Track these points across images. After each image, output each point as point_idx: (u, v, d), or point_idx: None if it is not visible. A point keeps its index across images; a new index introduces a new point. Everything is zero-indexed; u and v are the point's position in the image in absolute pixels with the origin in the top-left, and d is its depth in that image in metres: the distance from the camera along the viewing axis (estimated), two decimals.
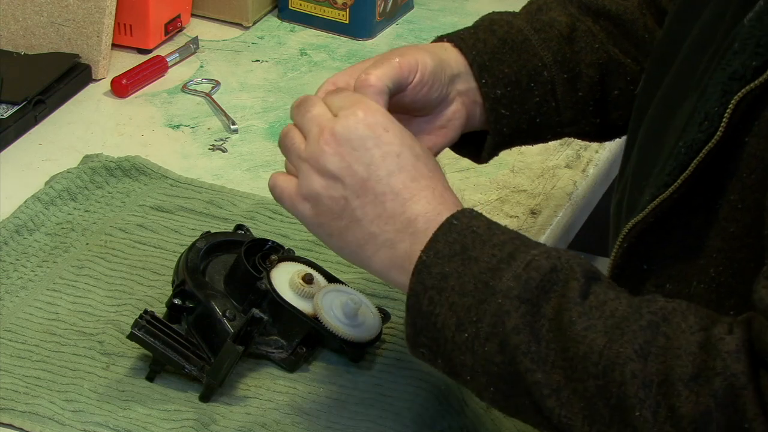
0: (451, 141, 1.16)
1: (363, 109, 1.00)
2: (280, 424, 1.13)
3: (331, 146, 0.99)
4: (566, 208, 1.45)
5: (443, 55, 1.14)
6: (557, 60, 1.18)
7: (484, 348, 0.93)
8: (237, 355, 1.13)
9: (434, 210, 0.98)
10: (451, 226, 0.97)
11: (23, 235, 1.35)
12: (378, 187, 0.99)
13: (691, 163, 0.96)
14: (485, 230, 0.97)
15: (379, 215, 0.99)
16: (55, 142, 1.53)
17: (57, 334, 1.22)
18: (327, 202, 1.00)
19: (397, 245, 0.99)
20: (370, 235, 0.99)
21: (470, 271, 0.95)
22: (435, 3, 1.88)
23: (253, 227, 1.32)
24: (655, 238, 1.01)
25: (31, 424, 1.12)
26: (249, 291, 1.17)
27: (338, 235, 1.01)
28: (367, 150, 0.99)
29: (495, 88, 1.15)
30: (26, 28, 1.64)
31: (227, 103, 1.61)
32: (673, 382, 0.87)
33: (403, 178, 0.99)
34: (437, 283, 0.96)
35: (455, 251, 0.96)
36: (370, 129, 0.99)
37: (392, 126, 1.00)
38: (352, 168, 0.99)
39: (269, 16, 1.82)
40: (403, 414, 1.14)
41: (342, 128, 0.99)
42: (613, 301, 0.92)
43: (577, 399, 0.90)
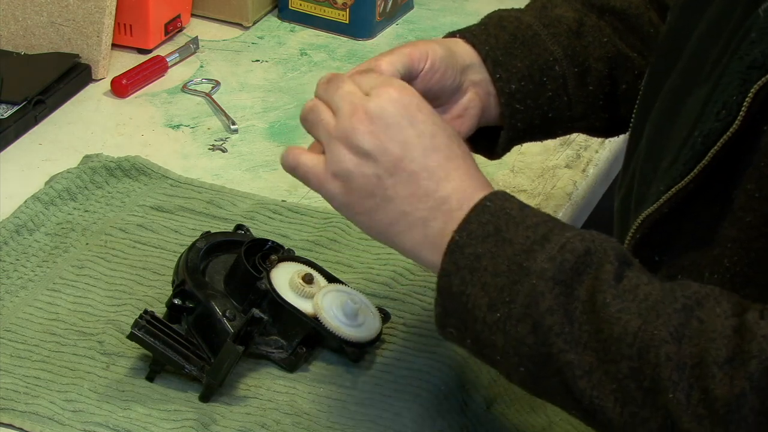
0: (469, 131, 1.15)
1: (396, 89, 1.00)
2: (280, 424, 1.13)
3: (364, 124, 0.98)
4: (566, 208, 1.45)
5: (454, 47, 1.14)
6: (567, 54, 1.18)
7: (517, 328, 0.93)
8: (237, 355, 1.13)
9: (468, 189, 0.98)
10: (484, 208, 0.97)
11: (23, 235, 1.35)
12: (412, 166, 0.98)
13: (708, 153, 0.96)
14: (518, 212, 0.97)
15: (413, 194, 0.98)
16: (55, 142, 1.53)
17: (57, 334, 1.22)
18: (359, 180, 0.99)
19: (429, 223, 0.98)
20: (402, 214, 0.99)
21: (504, 252, 0.95)
22: (435, 3, 1.88)
23: (253, 227, 1.32)
24: (667, 229, 1.01)
25: (31, 424, 1.12)
26: (249, 291, 1.17)
27: (368, 214, 1.00)
28: (401, 129, 0.98)
29: (509, 83, 1.15)
30: (26, 28, 1.64)
31: (227, 103, 1.61)
32: (708, 365, 0.87)
33: (437, 158, 0.99)
34: (470, 263, 0.95)
35: (489, 232, 0.96)
36: (405, 108, 0.99)
37: (425, 106, 1.00)
38: (387, 146, 0.98)
39: (269, 16, 1.82)
40: (403, 414, 1.14)
41: (376, 106, 0.98)
42: (646, 285, 0.92)
43: (610, 380, 0.91)
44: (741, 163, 0.96)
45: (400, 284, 1.29)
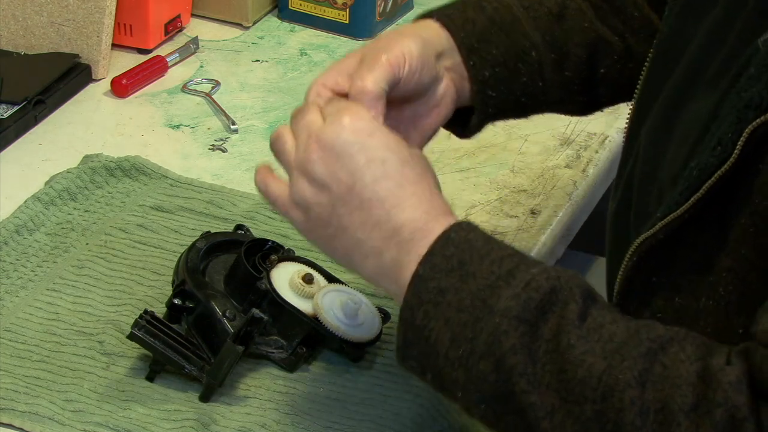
0: (446, 117, 1.14)
1: (349, 115, 0.99)
2: (280, 424, 1.13)
3: (316, 153, 0.98)
4: (566, 208, 1.45)
5: (426, 34, 1.12)
6: (546, 40, 1.16)
7: (479, 366, 0.92)
8: (237, 355, 1.13)
9: (420, 219, 0.97)
10: (448, 240, 0.96)
11: (23, 235, 1.35)
12: (363, 194, 0.98)
13: (702, 186, 0.95)
14: (483, 244, 0.96)
15: (365, 222, 0.98)
16: (55, 142, 1.53)
17: (57, 334, 1.22)
18: (316, 209, 0.99)
19: (383, 254, 0.98)
20: (357, 242, 0.99)
21: (468, 287, 0.94)
22: (435, 3, 1.87)
23: (253, 227, 1.32)
24: (664, 254, 1.00)
25: (31, 424, 1.12)
26: (249, 291, 1.17)
27: (327, 242, 1.00)
28: (351, 156, 0.98)
29: (483, 69, 1.14)
30: (26, 28, 1.64)
31: (227, 103, 1.61)
32: (672, 411, 0.87)
33: (388, 185, 0.98)
34: (433, 297, 0.94)
35: (453, 266, 0.95)
36: (355, 134, 0.98)
37: (378, 131, 0.99)
38: (337, 175, 0.98)
39: (269, 16, 1.82)
40: (403, 414, 1.14)
41: (327, 135, 0.99)
42: (611, 325, 0.92)
43: (572, 422, 0.90)
44: (736, 198, 0.95)
45: None
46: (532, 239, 1.37)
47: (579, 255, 1.65)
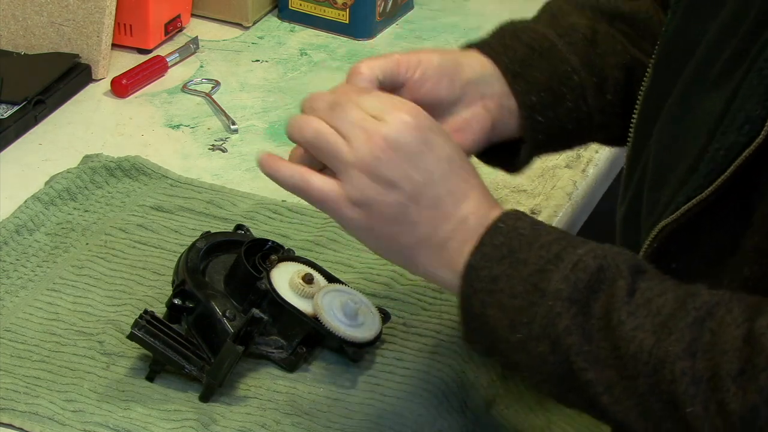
0: (471, 145, 1.14)
1: (409, 113, 1.00)
2: (280, 424, 1.13)
3: (385, 153, 0.98)
4: (566, 208, 1.45)
5: (462, 59, 1.13)
6: (585, 64, 1.18)
7: (537, 348, 0.95)
8: (237, 355, 1.13)
9: (483, 208, 1.00)
10: (497, 229, 0.98)
11: (23, 235, 1.35)
12: (435, 191, 0.99)
13: (730, 166, 0.96)
14: (530, 231, 0.98)
15: (435, 217, 1.00)
16: (55, 142, 1.53)
17: (57, 334, 1.22)
18: (382, 207, 0.99)
19: (448, 243, 1.00)
20: (424, 237, 1.00)
21: (519, 274, 0.97)
22: (435, 3, 1.88)
23: (253, 227, 1.32)
24: (686, 238, 1.01)
25: (31, 424, 1.12)
26: (249, 291, 1.17)
27: (389, 238, 1.01)
28: (422, 156, 0.99)
29: (530, 94, 1.15)
30: (26, 28, 1.64)
31: (227, 103, 1.61)
32: (721, 378, 0.89)
33: (456, 180, 1.00)
34: (487, 285, 0.97)
35: (503, 254, 0.97)
36: (422, 133, 1.00)
37: (438, 128, 1.02)
38: (410, 174, 0.99)
39: (269, 16, 1.82)
40: (403, 414, 1.14)
41: (394, 133, 0.99)
42: (659, 297, 0.94)
43: (630, 395, 0.93)
44: (762, 175, 0.96)
45: (400, 284, 1.29)
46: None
47: None
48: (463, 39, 1.77)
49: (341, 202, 1.00)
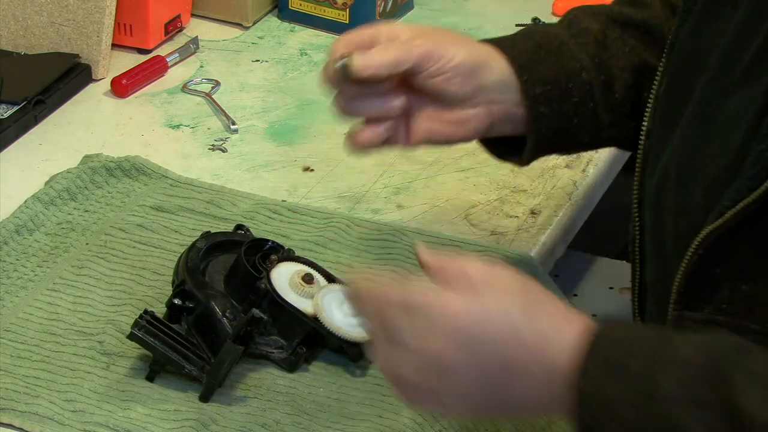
0: (460, 139, 1.18)
1: (456, 307, 0.92)
2: (280, 424, 1.13)
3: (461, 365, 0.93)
4: (566, 208, 1.44)
5: (486, 61, 1.16)
6: (594, 62, 1.20)
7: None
8: (237, 355, 1.13)
9: (573, 337, 0.92)
10: (594, 348, 0.91)
11: (23, 235, 1.35)
12: (511, 365, 0.92)
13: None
14: (622, 336, 0.92)
15: (526, 386, 0.93)
16: (55, 142, 1.53)
17: (57, 334, 1.22)
18: (474, 398, 0.94)
19: (554, 389, 0.92)
20: (522, 401, 0.94)
21: (625, 385, 0.89)
22: (435, 3, 1.87)
23: (253, 227, 1.32)
24: (731, 242, 0.99)
25: (31, 424, 1.12)
26: (249, 291, 1.17)
27: (493, 411, 0.97)
28: (486, 343, 0.92)
29: (534, 86, 1.17)
30: (26, 28, 1.64)
31: (227, 103, 1.61)
32: None
33: (530, 338, 0.92)
34: (606, 411, 0.90)
35: (604, 372, 0.90)
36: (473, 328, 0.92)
37: (488, 304, 0.93)
38: (483, 368, 0.92)
39: (269, 16, 1.82)
40: (403, 414, 1.14)
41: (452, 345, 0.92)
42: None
43: None
44: None
45: None
46: (532, 239, 1.37)
47: (579, 255, 1.65)
48: None
49: (439, 410, 1.00)
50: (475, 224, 1.40)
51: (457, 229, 1.39)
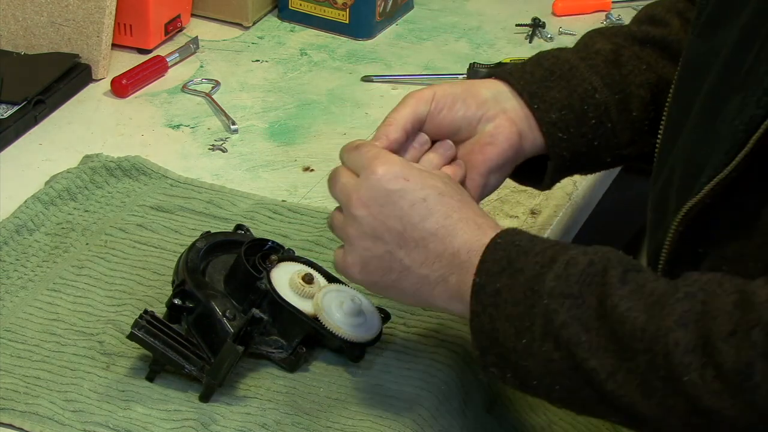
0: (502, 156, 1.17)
1: (380, 164, 1.05)
2: (280, 424, 1.13)
3: (360, 210, 1.05)
4: (566, 208, 1.45)
5: (476, 83, 1.19)
6: (606, 83, 1.21)
7: (542, 348, 0.98)
8: (237, 355, 1.13)
9: (473, 238, 1.04)
10: (496, 245, 1.02)
11: (23, 235, 1.35)
12: (416, 234, 1.04)
13: (749, 140, 0.98)
14: (527, 242, 1.02)
15: (426, 258, 1.04)
16: (55, 142, 1.53)
17: (57, 334, 1.22)
18: (374, 261, 1.06)
19: (448, 279, 1.04)
20: (423, 278, 1.05)
21: (518, 282, 1.00)
22: (435, 3, 1.88)
23: (253, 227, 1.32)
24: (710, 220, 1.03)
25: (31, 424, 1.12)
26: (249, 291, 1.17)
27: (394, 287, 1.07)
28: (394, 204, 1.05)
29: (549, 113, 1.18)
30: (26, 28, 1.64)
31: (227, 103, 1.61)
32: (713, 342, 0.91)
33: (436, 219, 1.04)
34: (492, 299, 1.01)
35: (503, 267, 1.01)
36: (392, 182, 1.05)
37: (411, 172, 1.06)
38: (387, 224, 1.05)
39: (269, 16, 1.82)
40: (403, 414, 1.14)
41: (366, 190, 1.05)
42: (651, 283, 0.96)
43: (632, 377, 0.94)
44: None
45: None
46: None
47: None
48: (463, 39, 1.78)
49: (345, 266, 1.08)
50: None
51: None
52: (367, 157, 1.07)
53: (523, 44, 1.76)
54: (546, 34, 1.78)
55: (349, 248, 1.07)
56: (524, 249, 1.01)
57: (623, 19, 1.83)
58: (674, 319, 0.92)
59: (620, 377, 0.95)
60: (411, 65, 1.71)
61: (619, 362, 0.94)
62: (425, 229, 1.04)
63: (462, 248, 1.03)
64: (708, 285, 0.94)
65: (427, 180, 1.06)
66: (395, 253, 1.05)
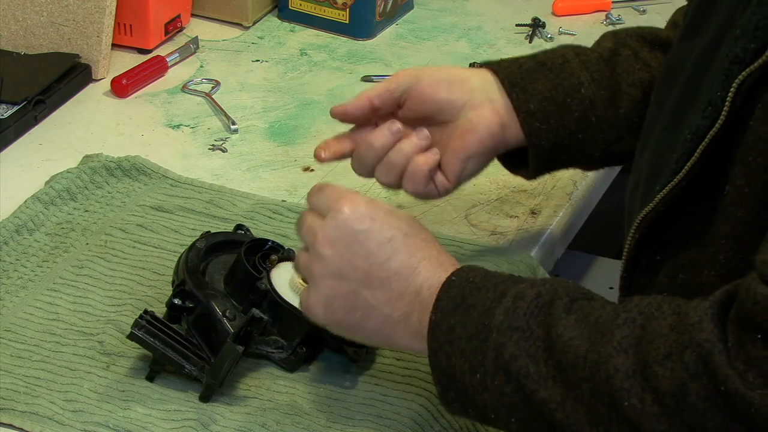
0: (477, 146, 1.20)
1: (346, 204, 1.06)
2: (280, 424, 1.13)
3: (327, 249, 1.05)
4: (566, 208, 1.45)
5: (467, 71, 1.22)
6: (594, 78, 1.22)
7: (494, 382, 0.98)
8: (237, 355, 1.13)
9: (434, 276, 1.04)
10: (450, 283, 1.03)
11: (23, 235, 1.35)
12: (381, 273, 1.05)
13: (696, 150, 0.99)
14: (481, 279, 1.03)
15: (389, 297, 1.05)
16: (55, 142, 1.53)
17: (57, 334, 1.22)
18: (338, 300, 1.06)
19: (410, 316, 1.04)
20: (386, 317, 1.05)
21: (470, 317, 1.01)
22: (435, 3, 1.88)
23: (253, 227, 1.32)
24: (666, 228, 1.03)
25: (31, 424, 1.12)
26: (249, 291, 1.17)
27: (358, 326, 1.07)
28: (361, 243, 1.05)
29: (528, 102, 1.20)
30: (26, 28, 1.64)
31: (227, 103, 1.61)
32: (650, 366, 0.91)
33: (401, 258, 1.05)
34: (447, 336, 1.01)
35: (456, 303, 1.02)
36: (358, 222, 1.05)
37: (377, 212, 1.06)
38: (353, 263, 1.05)
39: (269, 16, 1.82)
40: (403, 414, 1.14)
41: (332, 229, 1.05)
42: (597, 311, 0.97)
43: (579, 406, 0.95)
44: (729, 159, 0.98)
45: None
46: (532, 239, 1.37)
47: (579, 255, 1.65)
48: (463, 39, 1.78)
49: (310, 305, 1.07)
50: (475, 224, 1.40)
51: (457, 229, 1.39)
52: (332, 198, 1.07)
53: (523, 44, 1.76)
54: (546, 34, 1.78)
55: (314, 288, 1.07)
56: (477, 285, 1.02)
57: (623, 19, 1.83)
58: (614, 345, 0.93)
59: (568, 406, 0.95)
60: (411, 65, 1.71)
61: (566, 391, 0.95)
62: (390, 269, 1.04)
63: (423, 286, 1.04)
64: (647, 308, 0.95)
65: (392, 221, 1.06)
66: (360, 292, 1.05)
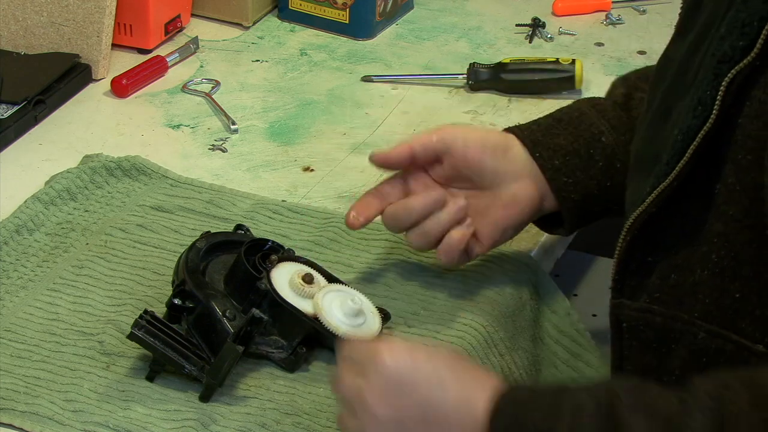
0: (520, 219, 1.22)
1: (386, 353, 1.00)
2: (280, 424, 1.13)
3: (379, 407, 0.99)
4: None
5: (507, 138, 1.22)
6: (613, 126, 1.22)
7: None
8: (237, 355, 1.13)
9: (490, 398, 0.98)
10: (500, 412, 0.97)
11: (23, 235, 1.35)
12: (439, 414, 0.99)
13: (687, 150, 0.99)
14: (528, 395, 0.98)
15: (450, 429, 0.99)
16: (55, 142, 1.53)
17: (57, 334, 1.22)
18: None
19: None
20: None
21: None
22: (435, 3, 1.87)
23: (253, 227, 1.32)
24: (657, 229, 1.03)
25: (31, 424, 1.12)
26: (249, 291, 1.17)
27: None
28: (411, 391, 0.99)
29: (552, 159, 1.21)
30: (26, 28, 1.64)
31: (227, 103, 1.61)
32: None
33: (453, 395, 0.99)
34: None
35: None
36: (403, 369, 1.00)
37: (418, 354, 1.01)
38: (408, 413, 0.99)
39: (269, 16, 1.82)
40: None
41: (378, 386, 1.00)
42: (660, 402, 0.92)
43: None
44: (720, 158, 0.98)
45: (400, 284, 1.29)
46: (532, 239, 1.37)
47: (579, 255, 1.65)
48: (463, 39, 1.78)
49: None
50: None
51: None
52: (369, 351, 1.02)
53: (523, 44, 1.76)
54: (546, 34, 1.78)
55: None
56: (525, 403, 0.97)
57: (623, 19, 1.83)
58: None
59: None
60: (411, 65, 1.71)
61: None
62: (447, 408, 0.99)
63: (480, 409, 0.98)
64: (715, 391, 0.90)
65: (433, 356, 1.01)
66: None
